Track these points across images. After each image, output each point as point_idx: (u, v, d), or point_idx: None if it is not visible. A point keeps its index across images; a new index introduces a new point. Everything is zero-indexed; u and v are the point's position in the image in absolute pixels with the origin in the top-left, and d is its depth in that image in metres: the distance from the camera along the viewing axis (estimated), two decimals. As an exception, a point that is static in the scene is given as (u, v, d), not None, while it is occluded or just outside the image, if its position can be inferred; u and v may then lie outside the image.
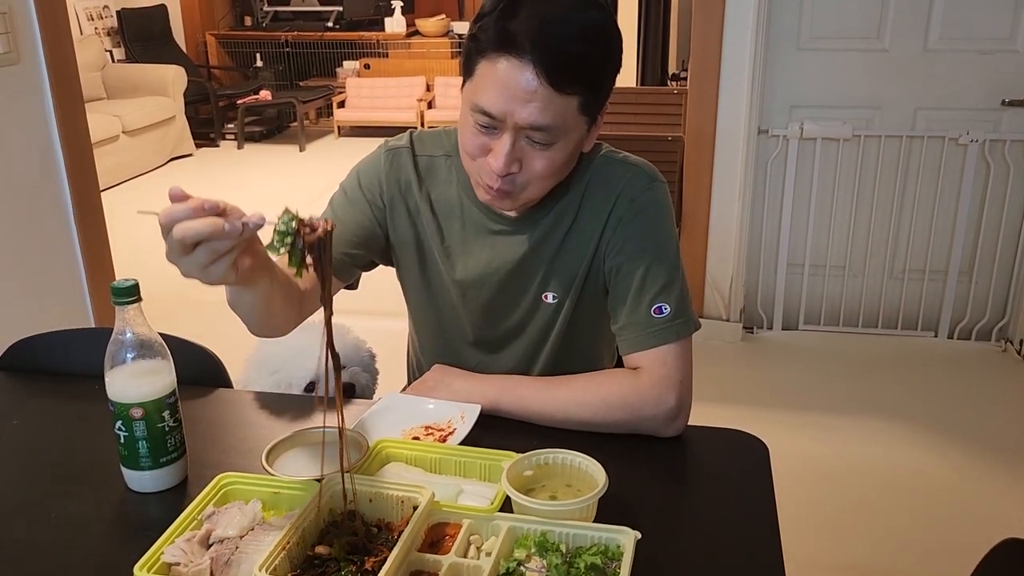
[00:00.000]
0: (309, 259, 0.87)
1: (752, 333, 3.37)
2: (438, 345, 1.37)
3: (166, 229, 0.84)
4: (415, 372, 1.45)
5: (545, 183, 1.17)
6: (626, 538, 0.87)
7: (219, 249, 0.85)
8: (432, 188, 1.28)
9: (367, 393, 1.41)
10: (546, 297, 1.27)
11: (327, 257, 0.88)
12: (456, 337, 1.35)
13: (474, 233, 1.27)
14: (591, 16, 1.07)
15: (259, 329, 1.15)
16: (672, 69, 4.39)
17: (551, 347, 1.31)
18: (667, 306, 1.18)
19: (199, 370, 1.33)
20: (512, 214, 1.25)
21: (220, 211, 0.85)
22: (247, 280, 0.94)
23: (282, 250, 0.85)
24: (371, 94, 7.08)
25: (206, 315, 1.38)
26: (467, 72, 1.12)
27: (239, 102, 6.78)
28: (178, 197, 0.85)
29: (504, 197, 1.16)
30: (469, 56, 1.11)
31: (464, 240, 1.28)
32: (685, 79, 3.40)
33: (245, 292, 1.01)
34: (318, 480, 0.95)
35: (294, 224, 0.85)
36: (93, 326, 2.53)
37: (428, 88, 7.15)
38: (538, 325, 1.30)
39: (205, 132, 6.88)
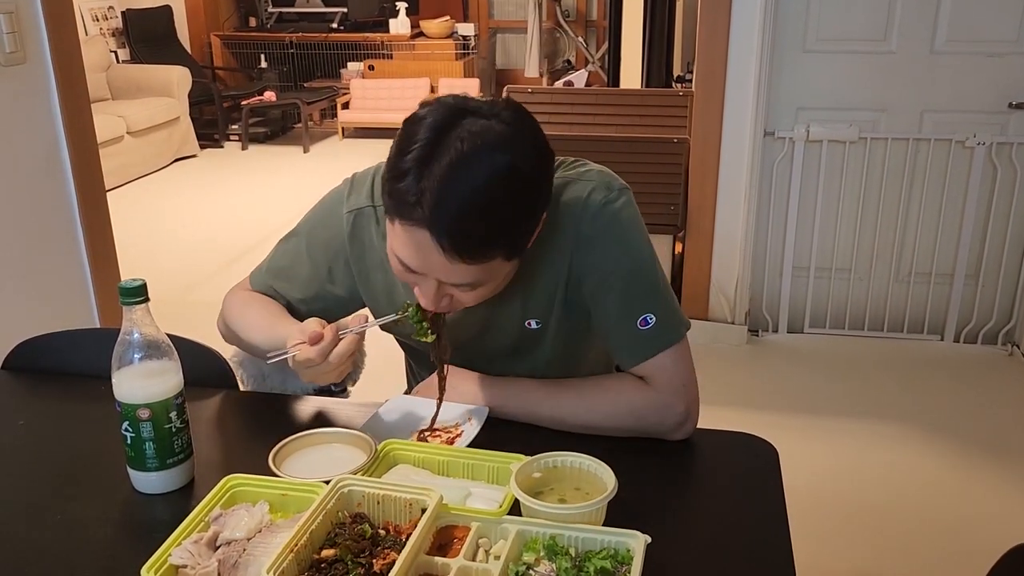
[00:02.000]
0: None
1: (757, 336, 3.36)
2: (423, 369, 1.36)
3: (318, 362, 1.08)
4: (414, 378, 1.45)
5: (481, 301, 1.12)
6: (636, 542, 0.86)
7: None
8: None
9: (342, 385, 1.39)
10: (529, 324, 1.22)
11: (441, 327, 1.14)
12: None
13: None
14: (496, 165, 0.98)
15: None
16: (677, 71, 4.38)
17: (548, 374, 1.24)
18: (652, 316, 1.15)
19: (206, 371, 1.32)
20: None
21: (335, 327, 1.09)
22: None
23: (428, 334, 1.13)
24: (375, 95, 7.08)
25: (213, 317, 1.38)
26: (384, 212, 1.06)
27: (243, 103, 6.77)
28: (316, 338, 1.07)
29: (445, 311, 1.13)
30: (384, 205, 1.04)
31: None
32: (690, 81, 3.39)
33: None
34: (325, 482, 0.94)
35: (419, 313, 1.12)
36: (98, 327, 2.53)
37: (432, 90, 7.14)
38: (529, 353, 1.25)
39: (209, 133, 6.88)
